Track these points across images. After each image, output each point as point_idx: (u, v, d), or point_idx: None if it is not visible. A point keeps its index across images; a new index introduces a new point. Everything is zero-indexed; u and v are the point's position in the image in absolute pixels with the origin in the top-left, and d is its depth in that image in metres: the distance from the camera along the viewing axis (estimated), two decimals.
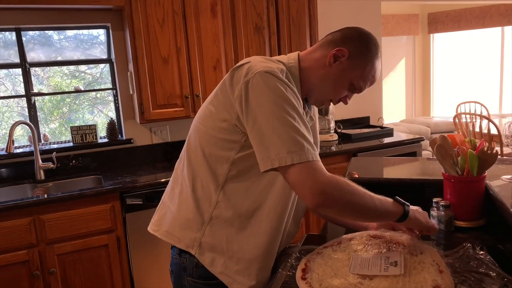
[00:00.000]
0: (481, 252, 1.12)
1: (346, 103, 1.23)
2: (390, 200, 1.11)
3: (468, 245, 1.14)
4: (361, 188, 1.05)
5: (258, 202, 1.14)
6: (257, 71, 1.04)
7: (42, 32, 2.90)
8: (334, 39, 1.16)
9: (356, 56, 1.13)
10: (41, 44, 2.92)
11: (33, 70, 2.91)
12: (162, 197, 1.30)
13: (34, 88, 2.89)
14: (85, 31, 3.01)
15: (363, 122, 3.85)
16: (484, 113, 5.17)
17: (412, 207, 1.15)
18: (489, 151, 1.33)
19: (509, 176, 1.46)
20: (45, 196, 2.31)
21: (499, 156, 1.37)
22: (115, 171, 2.83)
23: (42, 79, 3.07)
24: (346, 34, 1.16)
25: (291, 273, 1.12)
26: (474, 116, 4.60)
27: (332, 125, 3.46)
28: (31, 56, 2.87)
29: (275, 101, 1.01)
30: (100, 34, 3.05)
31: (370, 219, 1.21)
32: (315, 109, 1.33)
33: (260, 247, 1.15)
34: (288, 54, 1.22)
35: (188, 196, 1.17)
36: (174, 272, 1.23)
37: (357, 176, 1.75)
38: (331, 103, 1.22)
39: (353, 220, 1.25)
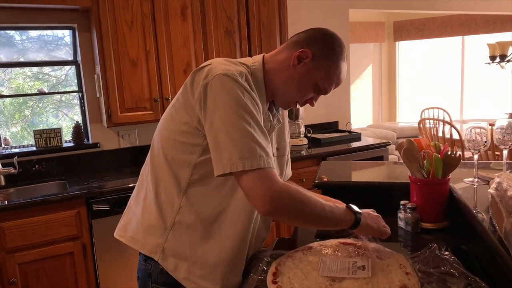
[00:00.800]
0: (446, 252, 1.16)
1: (312, 104, 1.23)
2: (342, 208, 1.12)
3: (434, 245, 1.17)
4: (313, 197, 1.07)
5: (221, 207, 1.13)
6: (216, 74, 1.03)
7: (3, 32, 2.78)
8: (299, 40, 1.15)
9: (320, 57, 1.13)
10: (2, 44, 2.81)
11: None
12: (128, 202, 1.28)
13: None
14: (49, 32, 2.91)
15: (331, 126, 3.91)
16: (447, 119, 5.37)
17: (364, 212, 1.16)
18: (452, 155, 1.38)
19: (471, 179, 1.51)
20: (6, 202, 2.21)
21: (461, 160, 1.42)
22: (81, 176, 2.75)
23: (3, 81, 2.94)
24: (310, 35, 1.15)
25: (262, 277, 1.11)
26: (437, 121, 4.77)
27: (302, 129, 3.50)
28: None
29: (231, 106, 1.00)
30: (65, 35, 2.96)
31: (321, 226, 1.26)
32: (284, 112, 1.34)
33: (224, 252, 1.14)
34: (254, 56, 1.22)
35: (152, 202, 1.16)
36: (140, 279, 1.21)
37: (326, 179, 1.77)
38: (298, 105, 1.22)
39: (305, 227, 1.26)
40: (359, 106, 6.36)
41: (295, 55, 1.12)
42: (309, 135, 3.55)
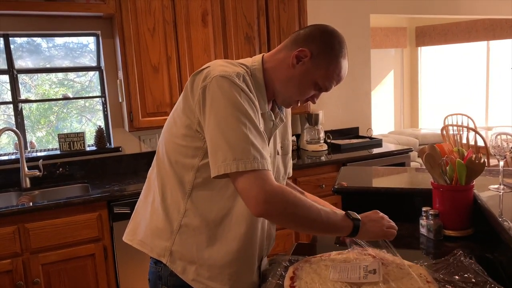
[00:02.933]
0: (470, 260, 1.13)
1: (314, 102, 1.23)
2: (340, 214, 1.10)
3: (459, 252, 1.15)
4: (308, 201, 1.05)
5: (225, 209, 1.13)
6: (213, 76, 1.04)
7: (30, 40, 2.87)
8: (297, 38, 1.15)
9: (319, 55, 1.11)
10: (30, 52, 2.90)
11: (20, 79, 2.88)
12: (136, 206, 1.29)
13: (21, 96, 2.85)
14: (74, 39, 2.99)
15: (352, 132, 3.87)
16: (471, 125, 5.25)
17: (364, 217, 1.14)
18: (477, 161, 1.35)
19: (496, 186, 1.47)
20: (31, 204, 2.27)
21: (485, 167, 1.38)
22: (103, 179, 2.80)
23: (30, 87, 3.03)
24: (309, 33, 1.14)
25: (280, 282, 1.11)
26: (461, 128, 4.66)
27: (322, 135, 3.48)
28: (19, 64, 2.84)
29: (227, 107, 1.01)
30: (89, 42, 3.03)
31: (316, 232, 1.25)
32: (287, 110, 1.33)
33: (230, 254, 1.14)
34: (254, 57, 1.22)
35: (158, 205, 1.17)
36: (150, 281, 1.23)
37: (346, 185, 1.75)
38: (299, 103, 1.21)
39: (300, 231, 1.25)
40: (381, 112, 6.29)
41: (294, 54, 1.12)
42: (328, 140, 3.53)
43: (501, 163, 1.45)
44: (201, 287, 1.13)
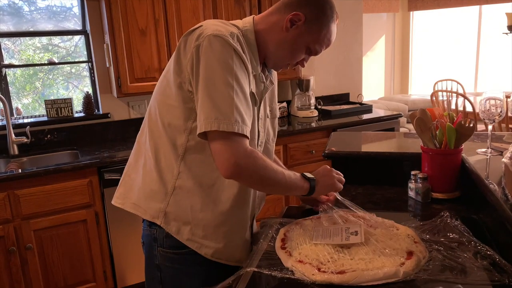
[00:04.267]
0: (456, 222, 1.16)
1: (303, 66, 1.24)
2: (298, 175, 1.17)
3: (446, 214, 1.17)
4: (274, 165, 1.11)
5: (218, 172, 1.12)
6: (207, 35, 1.04)
7: (11, 2, 2.76)
8: (291, 2, 1.14)
9: (312, 20, 1.12)
10: (11, 15, 2.79)
11: (3, 43, 2.78)
12: (125, 170, 1.29)
13: (4, 61, 2.77)
14: (57, 2, 2.88)
15: (343, 98, 3.87)
16: (460, 91, 5.27)
17: (316, 174, 1.21)
18: (466, 125, 1.36)
19: (484, 150, 1.49)
20: (19, 171, 2.25)
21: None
22: (92, 146, 2.78)
23: (13, 53, 2.94)
24: None
25: (271, 243, 1.13)
26: (450, 93, 4.68)
27: (313, 101, 3.47)
28: (1, 28, 2.74)
29: (216, 68, 1.02)
30: (73, 5, 2.92)
31: (280, 192, 1.38)
32: (274, 73, 1.33)
33: (224, 214, 1.16)
34: (244, 19, 1.21)
35: (152, 168, 1.17)
36: (145, 244, 1.24)
37: (335, 150, 1.76)
38: (288, 67, 1.23)
39: (265, 192, 1.28)
40: (371, 78, 6.26)
41: (288, 18, 1.12)
42: (319, 107, 3.52)
43: (490, 127, 1.46)
44: (196, 246, 1.15)
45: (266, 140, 1.31)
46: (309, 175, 1.18)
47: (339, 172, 1.27)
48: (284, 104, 3.48)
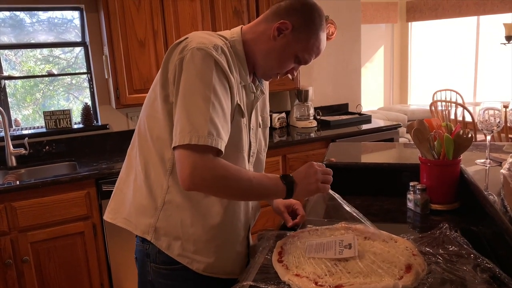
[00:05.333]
0: (456, 233, 1.14)
1: (293, 75, 1.22)
2: (274, 178, 1.09)
3: (446, 225, 1.16)
4: (242, 170, 1.06)
5: None
6: (190, 48, 1.03)
7: (13, 14, 2.78)
8: (278, 10, 1.13)
9: (300, 28, 1.10)
10: (13, 27, 2.80)
11: (4, 55, 2.79)
12: (116, 185, 1.27)
13: (5, 72, 2.78)
14: (58, 14, 2.90)
15: (342, 109, 3.87)
16: (459, 101, 5.27)
17: (297, 174, 1.11)
18: (464, 135, 1.35)
19: (483, 160, 1.49)
20: (17, 182, 2.24)
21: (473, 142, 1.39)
22: (90, 157, 2.77)
23: (14, 64, 2.95)
24: (290, 5, 1.12)
25: (268, 256, 1.12)
26: (449, 103, 4.69)
27: (312, 111, 3.47)
28: (2, 40, 2.75)
29: (195, 80, 1.00)
30: (74, 17, 2.94)
31: (254, 199, 1.24)
32: (266, 83, 1.31)
33: (215, 228, 1.14)
34: (232, 29, 1.19)
35: (142, 183, 1.15)
36: (138, 259, 1.23)
37: (334, 160, 1.76)
38: (278, 76, 1.20)
39: (234, 200, 1.18)
40: (370, 89, 6.28)
41: (275, 26, 1.10)
42: (318, 117, 3.52)
43: (488, 137, 1.45)
44: (187, 261, 1.13)
45: (258, 150, 1.30)
46: (289, 177, 1.10)
47: (326, 170, 1.15)
48: (283, 114, 3.48)
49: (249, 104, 1.19)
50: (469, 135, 1.36)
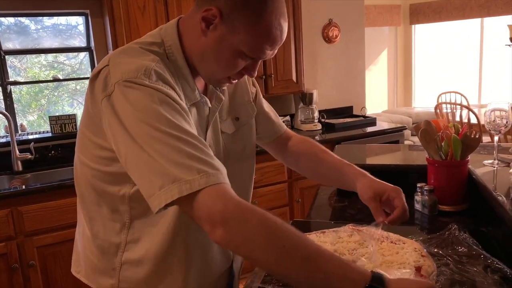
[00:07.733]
0: (465, 234, 1.14)
1: (251, 76, 0.93)
2: (361, 272, 0.74)
3: (454, 226, 1.15)
4: (301, 235, 0.76)
5: (168, 235, 0.94)
6: (115, 83, 0.79)
7: (18, 21, 2.80)
8: None
9: (232, 14, 0.82)
10: (18, 33, 2.83)
11: (9, 61, 2.81)
12: (76, 228, 1.09)
13: (10, 78, 2.80)
14: (63, 21, 2.92)
15: (346, 112, 3.86)
16: (464, 103, 5.26)
17: (397, 283, 0.76)
18: (472, 136, 1.34)
19: (491, 161, 1.48)
20: (23, 187, 2.25)
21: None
22: None
23: (19, 70, 2.97)
24: None
25: None
26: (454, 105, 4.67)
27: (316, 114, 3.47)
28: (7, 46, 2.77)
29: (143, 123, 0.76)
30: (79, 23, 2.96)
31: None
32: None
33: (189, 282, 0.97)
34: (166, 26, 0.93)
35: (90, 242, 0.98)
36: None
37: None
38: (230, 80, 0.93)
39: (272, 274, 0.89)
40: (374, 91, 6.27)
41: (200, 17, 0.84)
42: (323, 120, 3.52)
43: (496, 138, 1.45)
44: None
45: (238, 158, 1.07)
46: (384, 278, 0.73)
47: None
48: (288, 117, 3.48)
49: (203, 120, 0.96)
50: (477, 136, 1.35)
